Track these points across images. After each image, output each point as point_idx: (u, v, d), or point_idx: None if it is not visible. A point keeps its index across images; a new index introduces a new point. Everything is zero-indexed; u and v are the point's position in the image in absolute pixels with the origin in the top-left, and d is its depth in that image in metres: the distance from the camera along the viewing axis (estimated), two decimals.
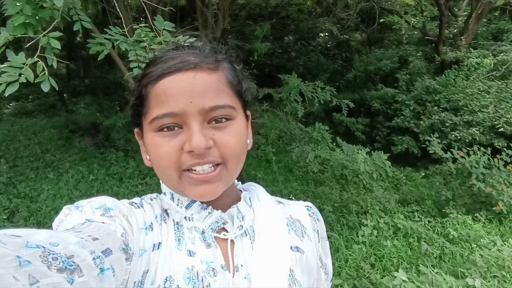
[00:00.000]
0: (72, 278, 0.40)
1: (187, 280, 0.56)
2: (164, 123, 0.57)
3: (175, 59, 0.59)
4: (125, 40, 1.84)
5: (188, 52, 0.61)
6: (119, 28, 1.95)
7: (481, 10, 8.43)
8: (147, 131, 0.60)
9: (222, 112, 0.58)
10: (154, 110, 0.57)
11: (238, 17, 10.61)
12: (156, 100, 0.57)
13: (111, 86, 10.13)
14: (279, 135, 5.83)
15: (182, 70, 0.57)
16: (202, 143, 0.55)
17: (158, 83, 0.58)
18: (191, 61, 0.58)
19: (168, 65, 0.58)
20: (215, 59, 0.61)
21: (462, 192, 4.73)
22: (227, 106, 0.58)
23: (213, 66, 0.59)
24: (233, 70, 0.64)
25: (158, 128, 0.58)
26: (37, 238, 0.42)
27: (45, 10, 1.89)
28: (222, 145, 0.58)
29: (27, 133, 8.60)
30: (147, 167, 0.66)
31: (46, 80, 1.75)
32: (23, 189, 5.90)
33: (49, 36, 1.86)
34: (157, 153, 0.58)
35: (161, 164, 0.59)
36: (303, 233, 0.71)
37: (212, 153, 0.57)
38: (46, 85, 1.75)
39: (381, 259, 3.52)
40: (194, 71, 0.57)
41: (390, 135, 8.15)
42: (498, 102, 6.61)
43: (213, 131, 0.58)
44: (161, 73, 0.58)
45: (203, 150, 0.55)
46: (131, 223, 0.58)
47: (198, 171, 0.57)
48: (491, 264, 2.99)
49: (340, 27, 10.69)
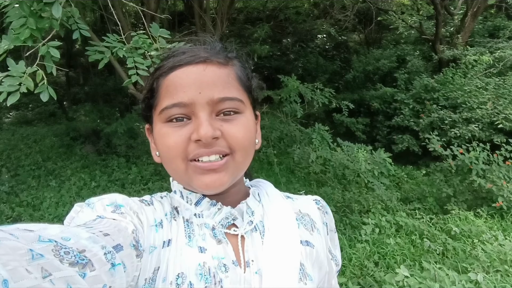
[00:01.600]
0: (84, 272, 0.41)
1: (199, 276, 0.56)
2: (173, 114, 0.58)
3: (186, 53, 0.60)
4: (122, 47, 1.87)
5: (199, 48, 0.63)
6: (117, 35, 1.98)
7: (476, 8, 8.47)
8: (157, 123, 0.61)
9: (231, 105, 0.59)
10: (164, 101, 0.59)
11: (236, 21, 10.66)
12: (166, 91, 0.59)
13: (111, 92, 10.16)
14: (279, 137, 5.85)
15: (192, 63, 0.59)
16: (209, 132, 0.55)
17: (169, 75, 0.59)
18: (201, 55, 0.60)
19: (179, 58, 0.60)
20: (225, 55, 0.63)
21: (463, 189, 4.74)
22: (236, 99, 0.59)
23: (223, 61, 0.61)
24: (243, 68, 0.65)
25: (167, 119, 0.58)
26: (49, 232, 0.42)
27: (44, 20, 1.92)
28: (230, 136, 0.58)
29: (28, 142, 8.62)
30: (149, 172, 0.67)
31: (45, 90, 1.77)
32: (25, 198, 5.90)
33: (49, 45, 1.89)
34: (164, 142, 0.59)
35: (168, 154, 0.59)
36: (312, 227, 0.72)
37: (219, 143, 0.58)
38: (45, 95, 1.77)
39: (385, 257, 3.53)
40: (204, 64, 0.59)
41: (390, 134, 8.17)
42: (496, 98, 6.63)
43: (221, 122, 0.58)
44: (172, 66, 0.59)
45: (210, 139, 0.56)
46: (141, 220, 0.58)
47: (205, 161, 0.58)
48: (493, 258, 3.00)
49: (337, 29, 10.75)
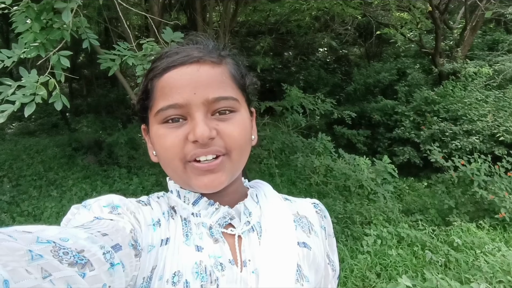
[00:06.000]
0: (84, 272, 0.41)
1: (195, 274, 0.56)
2: (169, 115, 0.58)
3: (180, 54, 0.60)
4: (133, 55, 1.91)
5: (192, 47, 0.63)
6: (127, 44, 2.03)
7: (475, 22, 8.59)
8: (153, 124, 0.61)
9: (226, 104, 0.59)
10: (159, 102, 0.59)
11: (239, 34, 10.80)
12: (161, 93, 0.59)
13: (114, 104, 10.26)
14: (281, 148, 5.87)
15: (186, 63, 0.59)
16: (206, 132, 0.56)
17: (163, 76, 0.59)
18: (195, 55, 0.60)
19: (173, 59, 0.60)
20: (219, 54, 0.63)
21: (465, 200, 4.72)
22: (231, 98, 0.60)
23: (217, 60, 0.61)
24: (236, 66, 0.66)
25: (163, 120, 0.59)
26: (48, 234, 0.42)
27: (55, 31, 1.98)
28: (226, 135, 0.59)
29: (30, 152, 8.65)
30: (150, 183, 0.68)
31: (59, 99, 1.81)
32: (26, 208, 5.91)
33: (59, 54, 1.96)
34: (162, 143, 0.59)
35: (166, 155, 0.60)
36: (310, 229, 0.71)
37: (216, 143, 0.58)
38: (59, 104, 1.82)
39: (386, 268, 3.51)
40: (198, 64, 0.59)
41: (391, 146, 8.18)
42: (496, 111, 6.67)
43: (217, 122, 0.59)
44: (166, 67, 0.59)
45: (207, 139, 0.56)
46: (139, 219, 0.58)
47: (202, 161, 0.58)
48: (496, 269, 2.99)
49: (338, 42, 10.88)
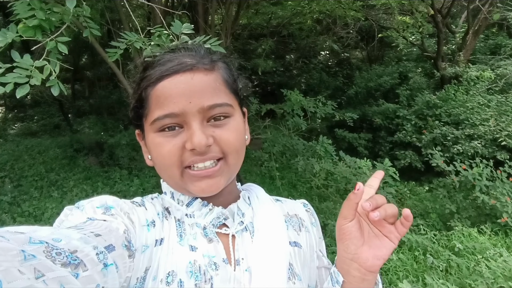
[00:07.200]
0: (77, 273, 0.41)
1: (189, 274, 0.57)
2: (165, 124, 0.59)
3: (173, 61, 0.61)
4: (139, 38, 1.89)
5: (184, 54, 0.63)
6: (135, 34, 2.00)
7: (478, 27, 8.58)
8: (149, 132, 0.62)
9: (221, 110, 0.60)
10: (155, 112, 0.59)
11: (240, 37, 10.81)
12: (156, 102, 0.59)
13: (116, 105, 10.26)
14: (282, 151, 5.86)
15: (180, 71, 0.59)
16: (203, 140, 0.57)
17: (157, 86, 0.60)
18: (188, 62, 0.60)
19: (166, 67, 0.60)
20: (210, 59, 0.63)
21: (466, 205, 4.69)
22: (225, 104, 0.61)
23: (209, 67, 0.62)
24: (228, 69, 0.66)
25: (159, 129, 0.60)
26: (40, 234, 0.42)
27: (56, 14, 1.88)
28: (222, 141, 0.60)
29: (32, 153, 8.65)
30: (151, 185, 0.68)
31: (56, 84, 1.73)
32: (27, 208, 5.92)
33: (57, 40, 1.83)
34: (159, 152, 0.60)
35: (163, 162, 0.60)
36: (300, 226, 0.74)
37: (212, 149, 0.60)
38: (56, 89, 1.73)
39: (387, 272, 3.49)
40: (191, 72, 0.60)
41: (392, 150, 8.17)
42: (498, 115, 6.65)
43: (213, 128, 0.60)
44: (160, 76, 0.60)
45: (204, 147, 0.57)
46: (132, 220, 0.59)
47: (200, 167, 0.60)
48: (497, 275, 2.96)
49: (340, 46, 10.89)
